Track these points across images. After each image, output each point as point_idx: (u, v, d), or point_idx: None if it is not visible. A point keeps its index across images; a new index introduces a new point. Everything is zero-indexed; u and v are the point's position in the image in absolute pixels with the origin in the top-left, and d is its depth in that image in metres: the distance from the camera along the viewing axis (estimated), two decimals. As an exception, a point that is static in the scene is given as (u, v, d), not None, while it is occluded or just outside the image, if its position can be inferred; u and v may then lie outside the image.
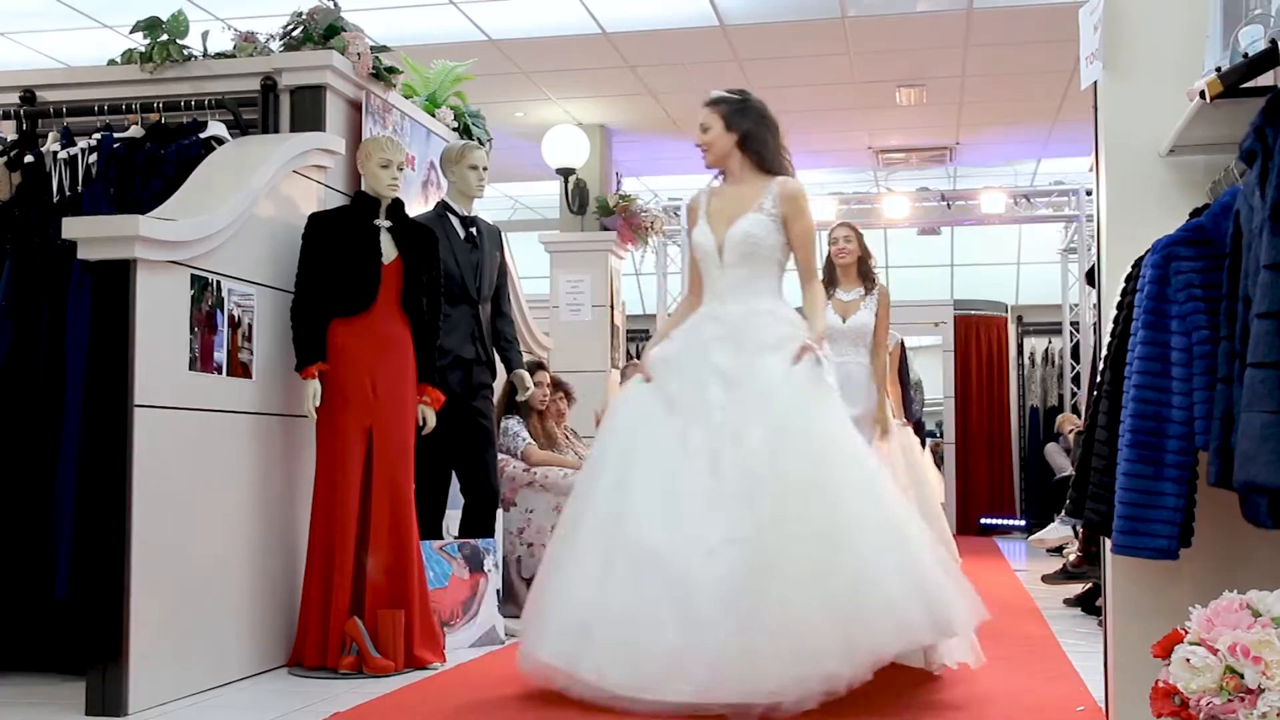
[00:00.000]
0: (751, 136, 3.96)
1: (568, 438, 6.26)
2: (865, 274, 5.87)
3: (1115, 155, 3.07)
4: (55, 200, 4.28)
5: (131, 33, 4.69)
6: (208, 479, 3.80)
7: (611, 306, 9.07)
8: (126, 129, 4.43)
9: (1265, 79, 2.40)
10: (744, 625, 3.27)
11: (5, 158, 4.41)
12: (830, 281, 5.80)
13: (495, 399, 5.16)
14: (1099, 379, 2.92)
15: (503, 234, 5.19)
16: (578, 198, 9.26)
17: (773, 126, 4.01)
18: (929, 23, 7.48)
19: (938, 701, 3.50)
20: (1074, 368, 11.04)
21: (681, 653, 3.29)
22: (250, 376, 4.03)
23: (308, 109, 4.50)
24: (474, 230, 4.90)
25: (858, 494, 3.52)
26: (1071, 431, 8.60)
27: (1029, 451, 11.80)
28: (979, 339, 12.08)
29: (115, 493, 3.44)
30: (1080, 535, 5.75)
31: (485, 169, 4.96)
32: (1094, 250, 3.53)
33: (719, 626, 3.28)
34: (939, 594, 3.46)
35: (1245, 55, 2.43)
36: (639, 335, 11.47)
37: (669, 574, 3.39)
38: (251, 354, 4.04)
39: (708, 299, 3.98)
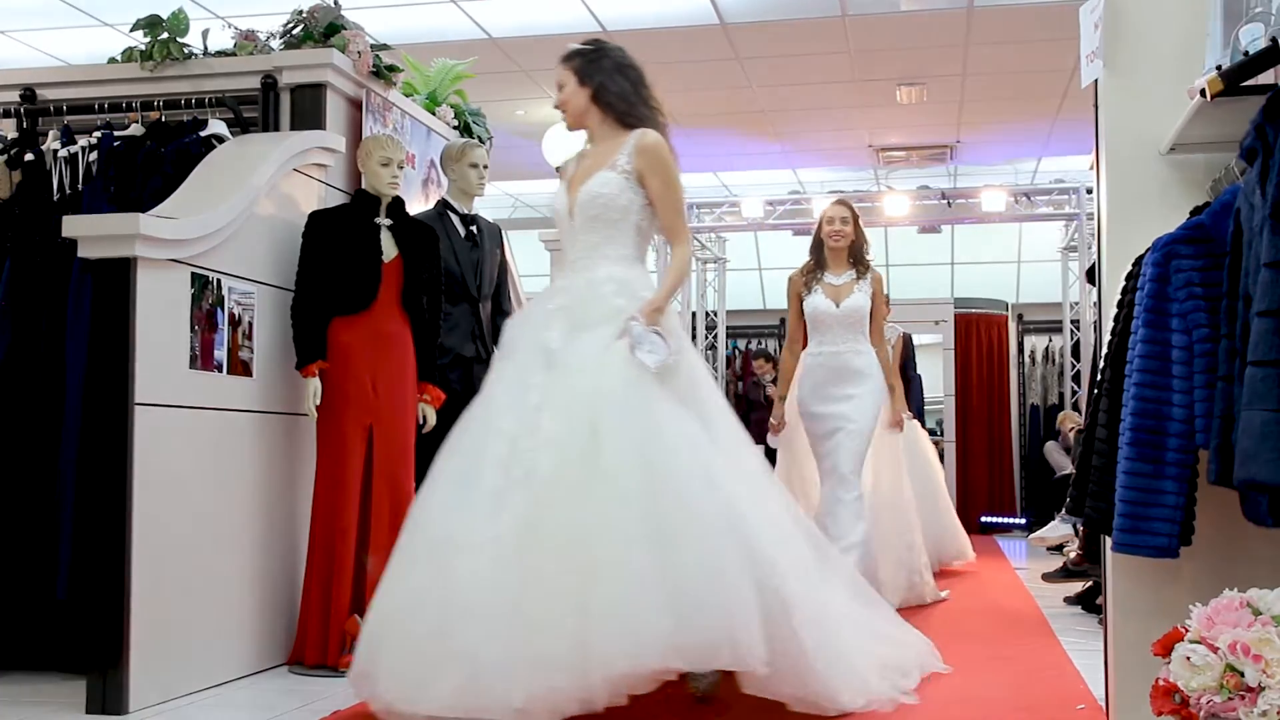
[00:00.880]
0: (605, 89, 3.56)
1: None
2: (858, 258, 5.41)
3: (1116, 153, 3.07)
4: (55, 198, 4.27)
5: (132, 31, 4.69)
6: (208, 478, 3.80)
7: (611, 305, 9.04)
8: (127, 127, 4.43)
9: (1266, 77, 2.40)
10: (492, 625, 2.94)
11: (5, 156, 4.41)
12: (818, 264, 5.42)
13: (495, 397, 5.15)
14: (1099, 377, 2.92)
15: (503, 232, 5.19)
16: (578, 196, 9.25)
17: (633, 75, 3.60)
18: (929, 21, 7.48)
19: (938, 700, 3.50)
20: (1074, 366, 11.03)
21: (441, 654, 2.97)
22: (251, 375, 4.03)
23: (308, 107, 4.50)
24: (474, 228, 4.90)
25: (629, 494, 3.03)
26: (1072, 430, 8.61)
27: (1029, 450, 11.80)
28: (979, 337, 12.08)
29: (116, 492, 3.44)
30: (1080, 533, 5.75)
31: (486, 167, 4.96)
32: (1094, 248, 3.53)
33: (471, 625, 2.96)
34: (710, 613, 2.93)
35: (1246, 53, 2.43)
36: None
37: (436, 566, 3.09)
38: (252, 352, 4.04)
39: (565, 267, 3.64)
